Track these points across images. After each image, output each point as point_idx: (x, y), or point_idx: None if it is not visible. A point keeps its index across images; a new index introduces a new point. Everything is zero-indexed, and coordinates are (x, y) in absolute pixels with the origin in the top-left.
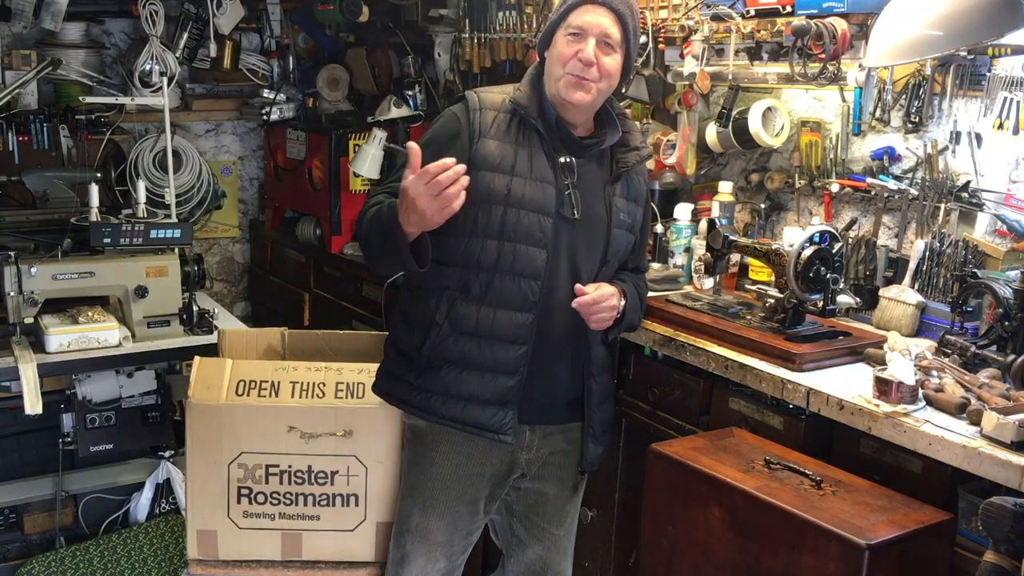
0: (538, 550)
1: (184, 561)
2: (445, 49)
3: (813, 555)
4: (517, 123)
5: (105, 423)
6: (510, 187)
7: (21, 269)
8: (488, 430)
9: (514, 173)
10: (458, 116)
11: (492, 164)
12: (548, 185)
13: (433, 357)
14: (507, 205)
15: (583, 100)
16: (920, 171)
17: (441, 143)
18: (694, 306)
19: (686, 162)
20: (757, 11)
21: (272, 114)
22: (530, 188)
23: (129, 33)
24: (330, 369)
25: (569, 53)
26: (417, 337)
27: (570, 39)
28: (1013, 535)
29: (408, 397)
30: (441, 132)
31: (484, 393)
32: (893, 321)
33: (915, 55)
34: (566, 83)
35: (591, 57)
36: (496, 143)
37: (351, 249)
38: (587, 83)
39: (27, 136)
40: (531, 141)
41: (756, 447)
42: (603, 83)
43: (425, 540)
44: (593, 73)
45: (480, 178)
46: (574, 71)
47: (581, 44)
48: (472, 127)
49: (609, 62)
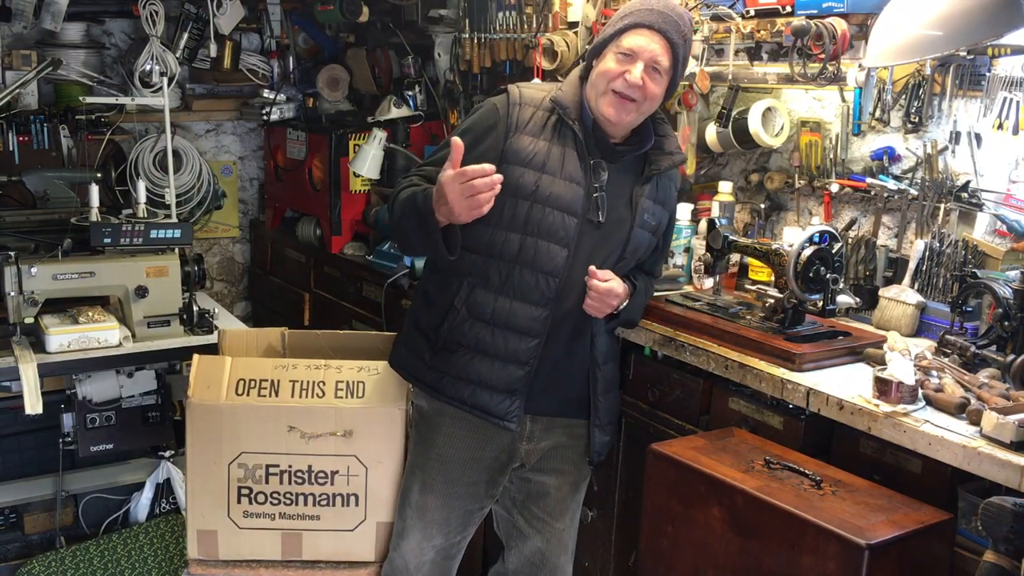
0: (537, 542)
1: (184, 561)
2: (445, 49)
3: (813, 555)
4: (555, 122)
5: (105, 423)
6: (539, 184)
7: (21, 269)
8: (494, 415)
9: (544, 171)
10: (498, 108)
11: (524, 159)
12: (577, 186)
13: (449, 339)
14: (534, 201)
15: (622, 120)
16: (920, 171)
17: (477, 133)
18: (694, 306)
19: (686, 162)
20: (757, 11)
21: (272, 114)
22: (558, 187)
23: (129, 33)
24: (330, 367)
25: (616, 71)
26: (436, 317)
27: (620, 58)
28: (1013, 535)
29: (421, 375)
30: (479, 122)
31: (494, 380)
32: (893, 321)
33: (915, 55)
34: (608, 101)
35: (638, 81)
36: (531, 139)
37: (351, 249)
38: (628, 104)
39: (27, 136)
40: (566, 141)
41: (756, 447)
42: (645, 105)
43: (422, 516)
44: (637, 94)
45: (510, 172)
46: (618, 88)
47: (630, 65)
48: (509, 120)
49: (654, 88)
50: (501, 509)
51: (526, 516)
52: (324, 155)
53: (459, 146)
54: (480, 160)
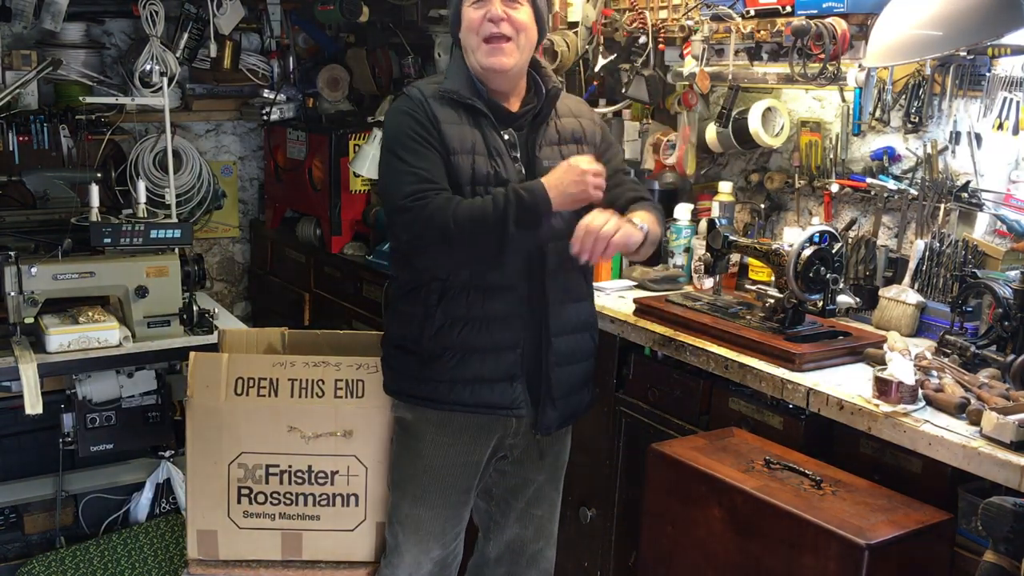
0: (516, 529)
1: (184, 561)
2: (445, 49)
3: (813, 555)
4: (462, 108)
5: (105, 423)
6: (474, 167)
7: (21, 269)
8: (501, 408)
9: (475, 152)
10: (414, 108)
11: (455, 147)
12: (503, 158)
13: (434, 347)
14: (474, 184)
15: (505, 64)
16: (920, 171)
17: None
18: (694, 306)
19: (686, 162)
20: (757, 11)
21: (272, 114)
22: (490, 165)
23: (129, 33)
24: (328, 365)
25: (477, 18)
26: (415, 330)
27: (475, 6)
28: (1013, 535)
29: (415, 390)
30: (410, 126)
31: (489, 372)
32: (893, 321)
33: (915, 55)
34: (484, 51)
35: (500, 13)
36: (453, 126)
37: (351, 249)
38: (504, 44)
39: (27, 136)
40: (477, 120)
41: (756, 447)
42: (521, 38)
43: (417, 530)
44: (507, 28)
45: (447, 161)
46: (487, 33)
47: (487, 6)
48: (428, 114)
49: (519, 15)
50: (479, 501)
51: (503, 507)
52: (324, 155)
53: (601, 170)
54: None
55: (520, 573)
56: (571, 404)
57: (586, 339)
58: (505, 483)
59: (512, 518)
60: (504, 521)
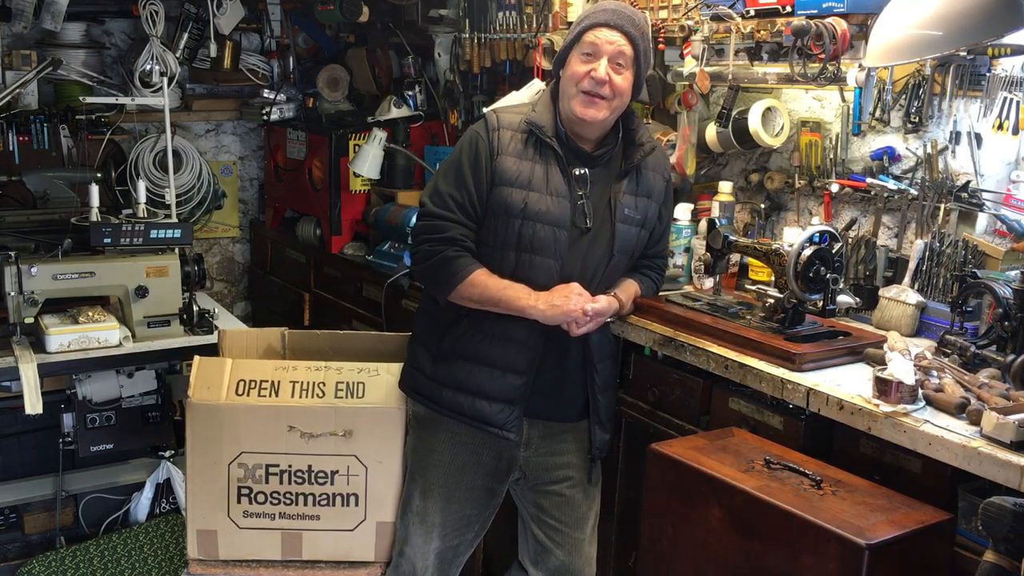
0: (560, 555)
1: (184, 561)
2: (445, 49)
3: (813, 555)
4: (534, 142)
5: (105, 423)
6: (527, 201)
7: (21, 269)
8: (493, 425)
9: (531, 188)
10: (480, 135)
11: (510, 180)
12: (563, 199)
13: (450, 351)
14: (524, 218)
15: (595, 117)
16: (920, 171)
17: (472, 164)
18: (694, 306)
19: (686, 162)
20: (757, 11)
21: (272, 114)
22: (546, 202)
23: (129, 33)
24: (330, 368)
25: (582, 72)
26: (438, 332)
27: (584, 59)
28: (1013, 535)
29: (421, 387)
30: (468, 152)
31: (493, 390)
32: (893, 321)
33: (915, 55)
34: (580, 101)
35: (603, 76)
36: (514, 160)
37: (351, 249)
38: (599, 101)
39: (27, 136)
40: (546, 158)
41: (756, 447)
42: (616, 101)
43: (423, 521)
44: (606, 91)
45: (499, 193)
46: (587, 88)
47: (594, 64)
48: (492, 145)
49: (620, 81)
50: (522, 527)
51: (545, 529)
52: (324, 155)
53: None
54: (480, 184)
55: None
56: (613, 427)
57: (613, 366)
58: (540, 503)
59: (554, 543)
60: (548, 545)
